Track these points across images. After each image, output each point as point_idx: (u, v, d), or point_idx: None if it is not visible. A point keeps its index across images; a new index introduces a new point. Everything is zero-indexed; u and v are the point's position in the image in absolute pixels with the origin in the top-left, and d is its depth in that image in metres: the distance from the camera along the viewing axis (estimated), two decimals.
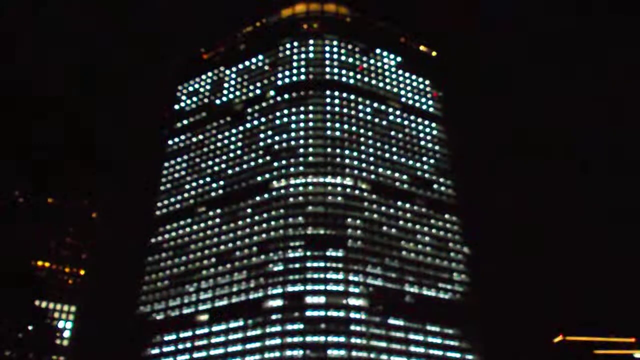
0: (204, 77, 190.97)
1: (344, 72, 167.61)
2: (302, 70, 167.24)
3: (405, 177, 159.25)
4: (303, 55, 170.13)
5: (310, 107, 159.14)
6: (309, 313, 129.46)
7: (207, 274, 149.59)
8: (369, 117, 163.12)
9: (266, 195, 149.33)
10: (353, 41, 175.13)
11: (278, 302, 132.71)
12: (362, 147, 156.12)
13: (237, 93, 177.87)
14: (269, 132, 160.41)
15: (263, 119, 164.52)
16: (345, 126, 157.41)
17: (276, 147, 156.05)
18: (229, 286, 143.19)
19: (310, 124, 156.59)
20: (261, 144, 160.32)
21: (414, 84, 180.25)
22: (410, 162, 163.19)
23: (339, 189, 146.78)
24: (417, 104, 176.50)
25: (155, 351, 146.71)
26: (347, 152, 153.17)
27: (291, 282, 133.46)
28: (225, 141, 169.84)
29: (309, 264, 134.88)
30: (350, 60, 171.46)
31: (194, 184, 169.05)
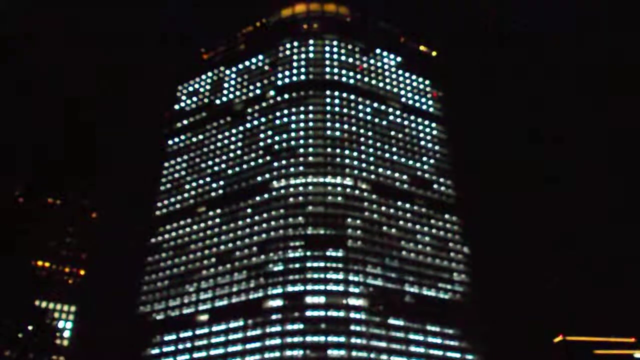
0: (204, 77, 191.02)
1: (344, 72, 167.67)
2: (302, 70, 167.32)
3: (405, 177, 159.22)
4: (303, 55, 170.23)
5: (310, 107, 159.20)
6: (309, 313, 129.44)
7: (207, 274, 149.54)
8: (369, 117, 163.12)
9: (266, 195, 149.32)
10: (353, 41, 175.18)
11: (278, 302, 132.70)
12: (362, 147, 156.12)
13: (237, 93, 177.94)
14: (269, 132, 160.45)
15: (263, 119, 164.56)
16: (345, 126, 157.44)
17: (276, 147, 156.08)
18: (229, 286, 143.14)
19: (310, 124, 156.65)
20: (261, 144, 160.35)
21: (414, 84, 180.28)
22: (410, 162, 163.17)
23: (339, 189, 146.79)
24: (417, 104, 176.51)
25: (155, 351, 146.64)
26: (347, 152, 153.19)
27: (291, 282, 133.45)
28: (225, 141, 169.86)
29: (309, 264, 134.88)
30: (350, 60, 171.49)
31: (194, 184, 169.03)
